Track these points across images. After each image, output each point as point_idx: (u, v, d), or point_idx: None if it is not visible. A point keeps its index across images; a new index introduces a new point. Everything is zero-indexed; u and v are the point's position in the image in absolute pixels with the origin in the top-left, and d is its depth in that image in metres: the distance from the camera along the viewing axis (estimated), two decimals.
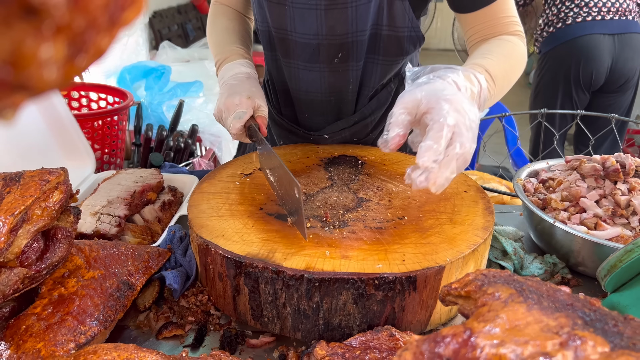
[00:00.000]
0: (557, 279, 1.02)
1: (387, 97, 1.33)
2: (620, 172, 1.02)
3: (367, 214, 0.98)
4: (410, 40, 1.20)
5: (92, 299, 0.83)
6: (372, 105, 1.32)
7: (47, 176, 0.80)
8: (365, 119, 1.33)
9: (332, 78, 1.23)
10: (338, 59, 1.19)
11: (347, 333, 0.83)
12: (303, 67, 1.23)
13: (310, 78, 1.24)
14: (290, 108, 1.37)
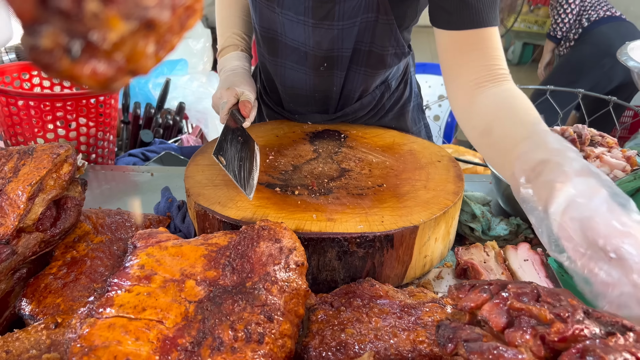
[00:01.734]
0: (521, 238, 1.13)
1: (370, 102, 1.38)
2: (577, 141, 1.13)
3: (350, 182, 1.08)
4: (394, 56, 1.25)
5: (102, 261, 0.92)
6: (355, 106, 1.37)
7: (58, 150, 0.88)
8: (347, 116, 1.39)
9: (317, 80, 1.29)
10: (323, 67, 1.25)
11: (333, 286, 0.93)
12: (290, 66, 1.29)
13: (297, 77, 1.30)
14: (275, 95, 1.44)
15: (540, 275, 0.94)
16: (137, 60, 0.23)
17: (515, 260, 0.98)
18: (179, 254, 0.74)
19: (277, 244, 0.79)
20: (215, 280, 0.71)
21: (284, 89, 1.36)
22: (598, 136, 1.17)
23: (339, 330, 0.79)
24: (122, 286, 0.69)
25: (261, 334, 0.65)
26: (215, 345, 0.63)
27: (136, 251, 0.75)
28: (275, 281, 0.73)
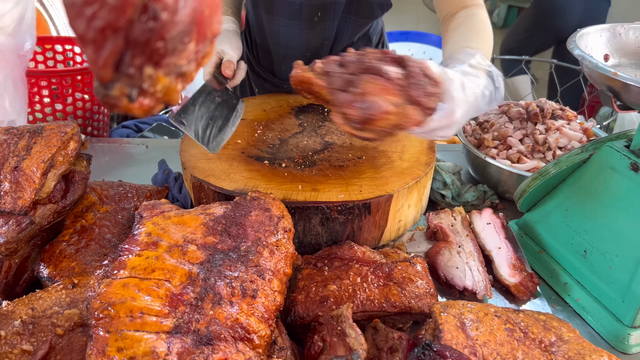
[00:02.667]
0: (487, 203, 1.25)
1: None
2: (539, 115, 1.24)
3: (332, 155, 1.18)
4: (379, 6, 1.37)
5: (108, 228, 1.02)
6: None
7: (64, 128, 0.96)
8: None
9: (310, 35, 1.38)
10: (317, 17, 1.34)
11: (317, 248, 1.05)
12: (284, 24, 1.38)
13: (290, 34, 1.39)
14: (267, 60, 1.52)
15: (501, 237, 1.07)
16: (171, 95, 0.32)
17: (479, 223, 1.10)
18: (181, 222, 0.85)
19: (267, 212, 0.90)
20: (214, 245, 0.82)
21: (278, 49, 1.44)
22: (559, 110, 1.28)
23: (322, 287, 0.91)
24: (133, 251, 0.79)
25: (255, 290, 0.77)
26: (216, 300, 0.74)
27: (143, 220, 0.85)
28: (266, 245, 0.84)
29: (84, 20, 0.25)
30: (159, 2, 0.25)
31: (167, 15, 0.26)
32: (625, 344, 0.91)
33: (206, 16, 0.30)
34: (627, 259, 0.90)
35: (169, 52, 0.28)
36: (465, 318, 0.80)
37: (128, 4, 0.24)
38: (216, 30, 0.33)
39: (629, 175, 0.88)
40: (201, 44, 0.31)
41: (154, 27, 0.26)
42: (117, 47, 0.26)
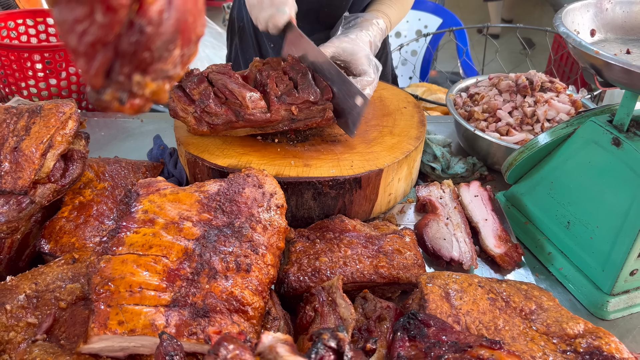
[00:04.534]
0: (477, 175, 1.28)
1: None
2: (528, 87, 1.25)
3: (324, 130, 1.20)
4: None
5: (106, 204, 1.05)
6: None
7: (63, 108, 0.98)
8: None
9: None
10: None
11: (309, 222, 1.08)
12: None
13: None
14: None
15: (487, 209, 1.10)
16: (160, 95, 0.34)
17: (467, 196, 1.13)
18: (176, 200, 0.87)
19: (260, 189, 0.93)
20: (209, 221, 0.85)
21: (300, 5, 1.38)
22: (548, 82, 1.30)
23: (314, 259, 0.94)
24: (131, 228, 0.82)
25: (249, 264, 0.80)
26: (212, 274, 0.78)
27: (139, 198, 0.88)
28: (260, 221, 0.87)
29: (76, 35, 0.27)
30: (144, 17, 0.27)
31: (152, 29, 0.28)
32: (604, 311, 0.96)
33: (190, 23, 0.32)
34: (607, 230, 0.94)
35: (156, 60, 0.30)
36: (450, 288, 0.84)
37: (115, 21, 0.26)
38: (200, 33, 0.34)
39: (611, 150, 0.90)
40: (186, 48, 0.33)
41: (140, 39, 0.28)
42: (106, 58, 0.28)
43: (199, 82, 1.07)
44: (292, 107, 1.09)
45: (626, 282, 0.95)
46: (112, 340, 0.71)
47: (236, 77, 1.10)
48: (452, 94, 1.39)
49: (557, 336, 0.78)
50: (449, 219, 1.08)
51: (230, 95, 1.07)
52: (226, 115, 1.07)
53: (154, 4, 0.27)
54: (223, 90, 1.07)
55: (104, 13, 0.25)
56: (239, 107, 1.08)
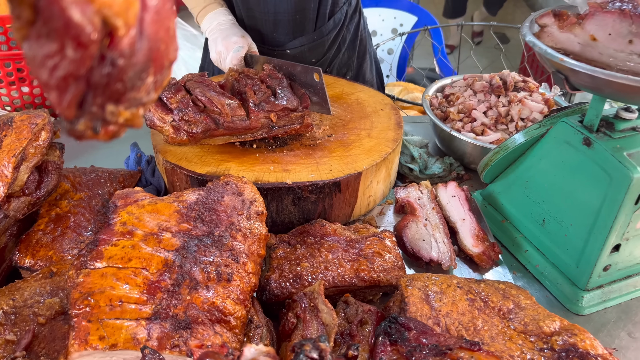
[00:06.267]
0: (454, 175, 1.30)
1: (340, 18, 1.54)
2: (502, 87, 1.27)
3: (303, 135, 1.20)
4: None
5: (83, 215, 1.04)
6: (329, 25, 1.52)
7: (35, 119, 0.97)
8: (323, 37, 1.52)
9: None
10: None
11: (290, 227, 1.08)
12: None
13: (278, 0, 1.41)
14: (255, 31, 1.52)
15: (465, 208, 1.12)
16: (134, 120, 0.34)
17: (444, 196, 1.14)
18: (155, 210, 0.87)
19: (240, 197, 0.93)
20: (188, 231, 0.85)
21: (267, 17, 1.45)
22: (521, 82, 1.32)
23: (295, 264, 0.95)
24: (109, 241, 0.82)
25: (230, 274, 0.80)
26: (192, 285, 0.78)
27: (117, 210, 0.87)
28: (240, 229, 0.87)
29: (47, 70, 0.26)
30: (116, 50, 0.27)
31: (124, 61, 0.28)
32: (579, 306, 0.98)
33: (162, 50, 0.32)
34: (581, 227, 0.96)
35: (129, 89, 0.30)
36: (429, 290, 0.85)
37: (87, 56, 0.26)
38: (173, 58, 0.34)
39: (582, 149, 0.92)
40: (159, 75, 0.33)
41: (112, 72, 0.28)
42: (79, 91, 0.28)
43: (177, 91, 1.07)
44: (271, 115, 1.09)
45: (600, 278, 0.98)
46: (94, 356, 0.70)
47: (214, 85, 1.10)
48: (428, 94, 1.41)
49: (534, 334, 0.80)
50: (428, 220, 1.09)
51: (209, 103, 1.07)
52: (205, 123, 1.07)
53: (125, 37, 0.27)
54: (201, 98, 1.07)
55: (74, 49, 0.25)
56: (218, 114, 1.08)
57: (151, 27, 0.29)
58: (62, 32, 0.24)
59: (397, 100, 1.68)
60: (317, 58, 1.56)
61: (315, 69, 1.12)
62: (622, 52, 0.78)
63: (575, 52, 0.84)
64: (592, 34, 0.80)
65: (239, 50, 1.30)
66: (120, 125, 0.34)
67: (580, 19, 0.82)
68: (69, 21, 0.24)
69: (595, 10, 0.79)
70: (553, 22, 0.84)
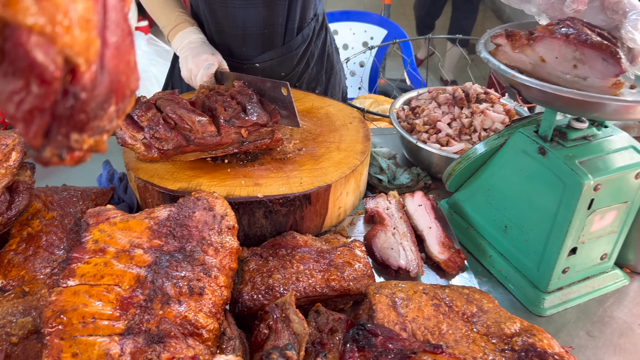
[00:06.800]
0: (421, 184, 1.34)
1: (308, 34, 1.59)
2: (465, 99, 1.32)
3: (274, 149, 1.23)
4: None
5: (56, 234, 1.04)
6: (298, 39, 1.56)
7: (5, 140, 0.97)
8: (292, 51, 1.56)
9: (265, 13, 1.45)
10: None
11: (262, 240, 1.11)
12: (239, 5, 1.43)
13: (247, 15, 1.45)
14: (224, 46, 1.55)
15: (431, 217, 1.16)
16: (98, 146, 0.37)
17: (411, 205, 1.18)
18: (126, 228, 0.88)
19: (211, 211, 0.95)
20: (160, 247, 0.86)
21: (236, 31, 1.49)
22: (483, 94, 1.38)
23: (267, 276, 0.97)
24: (81, 259, 0.83)
25: (202, 288, 0.82)
26: (165, 299, 0.79)
27: (89, 228, 0.88)
28: (211, 243, 0.89)
29: (13, 105, 0.29)
30: (78, 85, 0.30)
31: (86, 94, 0.30)
32: (541, 308, 1.02)
33: (123, 81, 0.35)
34: (540, 232, 1.01)
35: (92, 119, 0.32)
36: (396, 297, 0.88)
37: (50, 92, 0.28)
38: (134, 87, 0.37)
39: (537, 158, 0.97)
40: (121, 103, 0.36)
41: (75, 104, 0.30)
42: (44, 122, 0.30)
43: (147, 109, 1.09)
44: (242, 130, 1.12)
45: (559, 280, 1.02)
46: None
47: (184, 102, 1.12)
48: (395, 107, 1.45)
49: (496, 336, 0.84)
50: (396, 229, 1.13)
51: (180, 120, 1.09)
52: (176, 140, 1.09)
53: (86, 72, 0.29)
54: (172, 116, 1.09)
55: (39, 85, 0.27)
56: (189, 131, 1.10)
57: (112, 61, 0.32)
58: (27, 71, 0.27)
59: (367, 112, 1.72)
60: (287, 72, 1.59)
61: (283, 84, 1.15)
62: (568, 74, 0.83)
63: (528, 70, 0.89)
64: (541, 55, 0.85)
65: (209, 68, 1.33)
66: (85, 151, 0.36)
67: (530, 40, 0.87)
68: (33, 61, 0.26)
69: (544, 34, 0.84)
70: (506, 42, 0.89)
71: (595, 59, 0.82)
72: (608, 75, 0.82)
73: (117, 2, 0.32)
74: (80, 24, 0.28)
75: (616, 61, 0.81)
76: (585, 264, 1.03)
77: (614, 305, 1.05)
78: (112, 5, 0.32)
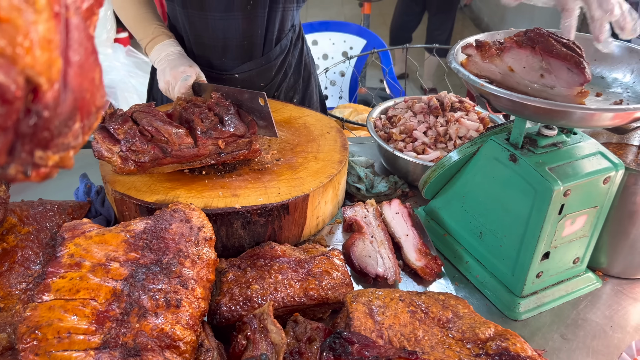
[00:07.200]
0: (399, 192, 1.35)
1: (286, 44, 1.60)
2: (440, 108, 1.35)
3: (252, 159, 1.24)
4: None
5: (31, 249, 1.03)
6: (276, 50, 1.57)
7: None
8: (270, 62, 1.58)
9: (245, 24, 1.46)
10: (250, 6, 1.42)
11: (241, 250, 1.11)
12: (219, 17, 1.44)
13: (226, 26, 1.46)
14: (203, 58, 1.55)
15: (408, 224, 1.17)
16: (65, 162, 0.37)
17: (388, 213, 1.20)
18: (102, 241, 0.88)
19: (188, 223, 0.95)
20: (136, 260, 0.86)
21: (216, 42, 1.50)
22: (457, 102, 1.40)
23: (245, 287, 0.97)
24: (57, 273, 0.83)
25: (178, 300, 0.82)
26: (141, 313, 0.79)
27: (65, 242, 0.88)
28: (188, 255, 0.90)
29: None
30: (40, 104, 0.30)
31: (49, 113, 0.31)
32: (516, 312, 1.04)
33: (88, 99, 0.36)
34: (513, 237, 1.03)
35: (55, 136, 0.33)
36: (373, 304, 0.89)
37: (12, 111, 0.29)
38: (100, 104, 0.38)
39: (509, 165, 0.99)
40: (86, 120, 0.36)
41: (38, 123, 0.31)
42: (7, 140, 0.31)
43: (123, 122, 1.09)
44: (219, 141, 1.12)
45: (534, 284, 1.04)
46: None
47: (161, 114, 1.12)
48: (372, 117, 1.47)
49: (471, 341, 0.85)
50: (374, 237, 1.14)
51: (156, 132, 1.09)
52: (153, 152, 1.09)
53: (49, 91, 0.30)
54: (148, 128, 1.09)
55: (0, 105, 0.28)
56: (166, 143, 1.10)
57: (75, 80, 0.33)
58: None
59: (345, 122, 1.74)
60: (265, 82, 1.61)
61: (260, 94, 1.16)
62: (536, 83, 0.86)
63: (497, 80, 0.92)
64: (510, 65, 0.88)
65: (187, 79, 1.33)
66: (51, 168, 0.37)
67: (499, 51, 0.89)
68: None
69: (512, 45, 0.87)
70: (476, 53, 0.91)
71: (560, 69, 0.85)
72: (573, 84, 0.84)
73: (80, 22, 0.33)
74: (41, 45, 0.29)
75: (580, 71, 0.84)
76: (559, 268, 1.06)
77: (587, 307, 1.07)
78: (74, 25, 0.32)
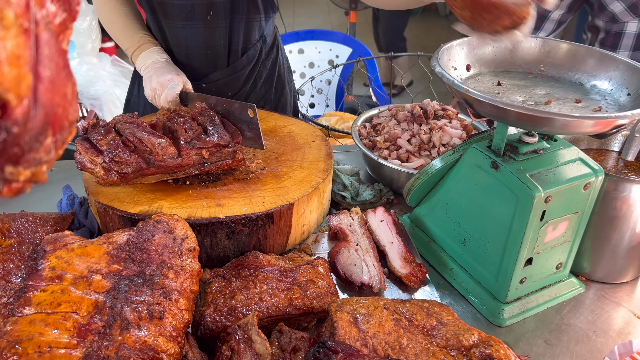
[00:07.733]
0: (384, 200, 1.36)
1: (254, 55, 1.58)
2: (423, 116, 1.36)
3: (236, 169, 1.24)
4: (263, 3, 1.49)
5: (13, 262, 1.02)
6: (243, 60, 1.56)
7: None
8: (237, 72, 1.57)
9: (206, 34, 1.46)
10: (210, 16, 1.42)
11: (225, 260, 1.11)
12: (181, 25, 1.44)
13: (189, 35, 1.46)
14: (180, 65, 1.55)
15: (392, 232, 1.18)
16: (38, 177, 0.37)
17: (374, 221, 1.20)
18: (84, 253, 0.88)
19: (171, 234, 0.94)
20: (119, 272, 0.86)
21: (180, 50, 1.51)
22: (441, 110, 1.42)
23: (230, 298, 0.97)
24: (38, 287, 0.82)
25: (162, 312, 0.82)
26: (124, 325, 0.79)
27: (46, 255, 0.87)
28: (171, 267, 0.89)
29: None
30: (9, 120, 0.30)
31: (19, 128, 0.31)
32: (500, 318, 1.05)
33: (60, 113, 0.36)
34: (497, 244, 1.03)
35: (27, 152, 0.33)
36: (357, 313, 0.89)
37: None
38: (73, 119, 0.38)
39: (491, 172, 1.00)
40: (59, 135, 0.36)
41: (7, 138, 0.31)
42: None
43: (106, 133, 1.08)
44: (203, 151, 1.12)
45: (517, 290, 1.05)
46: None
47: (144, 125, 1.12)
48: (357, 125, 1.48)
49: (455, 348, 0.85)
50: (359, 245, 1.14)
51: (139, 143, 1.09)
52: (136, 163, 1.08)
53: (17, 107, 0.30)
54: (131, 139, 1.09)
55: None
56: (149, 154, 1.10)
57: (46, 95, 0.33)
58: None
59: (331, 130, 1.74)
60: (233, 92, 1.60)
61: (250, 105, 1.16)
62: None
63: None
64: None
65: (175, 88, 1.33)
66: (24, 183, 0.36)
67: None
68: None
69: None
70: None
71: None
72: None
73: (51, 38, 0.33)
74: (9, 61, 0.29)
75: None
76: (542, 273, 1.06)
77: (570, 313, 1.08)
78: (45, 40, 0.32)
